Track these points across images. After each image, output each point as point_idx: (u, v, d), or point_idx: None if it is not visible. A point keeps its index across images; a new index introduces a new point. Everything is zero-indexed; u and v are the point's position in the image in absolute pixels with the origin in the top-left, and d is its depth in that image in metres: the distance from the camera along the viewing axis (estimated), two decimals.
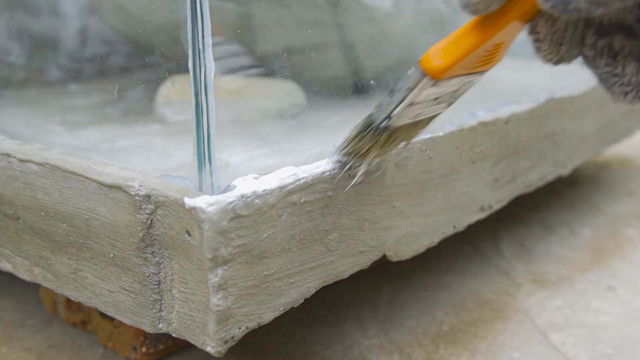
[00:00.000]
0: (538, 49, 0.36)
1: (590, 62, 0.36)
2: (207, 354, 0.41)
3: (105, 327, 0.53)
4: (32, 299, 0.61)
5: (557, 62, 0.37)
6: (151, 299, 0.42)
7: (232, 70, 0.59)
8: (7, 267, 0.51)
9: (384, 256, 0.49)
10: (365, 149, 0.42)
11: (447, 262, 0.69)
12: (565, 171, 0.70)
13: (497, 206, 0.60)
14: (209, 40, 0.39)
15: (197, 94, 0.40)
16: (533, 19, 0.36)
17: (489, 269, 0.68)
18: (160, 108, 0.65)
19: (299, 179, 0.42)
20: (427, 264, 0.68)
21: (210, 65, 0.39)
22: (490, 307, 0.61)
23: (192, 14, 0.39)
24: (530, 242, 0.74)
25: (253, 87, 0.64)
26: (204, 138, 0.40)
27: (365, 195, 0.46)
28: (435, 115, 0.43)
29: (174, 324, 0.42)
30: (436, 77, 0.37)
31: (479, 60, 0.38)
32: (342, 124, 0.59)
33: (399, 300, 0.62)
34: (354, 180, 0.44)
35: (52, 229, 0.46)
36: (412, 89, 0.38)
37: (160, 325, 0.43)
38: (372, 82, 0.59)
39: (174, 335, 0.42)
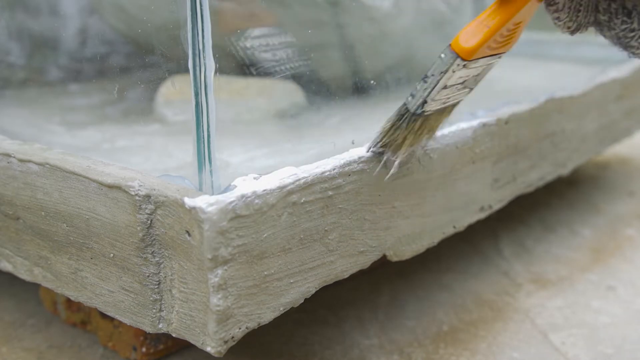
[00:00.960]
0: (557, 19, 0.40)
1: (606, 25, 0.40)
2: (207, 354, 0.41)
3: (105, 327, 0.53)
4: (32, 299, 0.61)
5: (575, 30, 0.41)
6: (151, 299, 0.42)
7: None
8: (7, 267, 0.51)
9: (384, 256, 0.49)
10: (401, 139, 0.44)
11: (447, 262, 0.69)
12: (565, 171, 0.70)
13: (497, 206, 0.60)
14: (209, 40, 0.39)
15: (197, 94, 0.40)
16: None
17: (489, 269, 0.68)
18: (160, 108, 0.65)
19: (299, 179, 0.42)
20: (427, 264, 0.68)
21: (210, 65, 0.39)
22: (490, 307, 0.61)
23: (192, 14, 0.39)
24: (530, 242, 0.74)
25: (253, 87, 0.64)
26: (204, 138, 0.40)
27: (365, 195, 0.46)
28: (458, 102, 0.46)
29: (174, 324, 0.42)
30: (467, 58, 0.41)
31: (501, 40, 0.42)
32: (342, 124, 0.59)
33: (399, 300, 0.62)
34: (392, 171, 0.46)
35: (52, 229, 0.46)
36: (446, 71, 0.41)
37: (160, 325, 0.43)
38: (372, 82, 0.59)
39: (174, 335, 0.42)
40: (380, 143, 0.45)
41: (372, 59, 0.67)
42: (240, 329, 0.40)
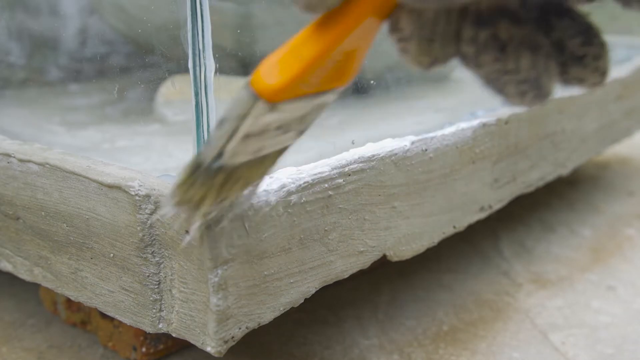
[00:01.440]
0: (404, 51, 0.29)
1: (472, 61, 0.28)
2: (207, 354, 0.41)
3: (105, 327, 0.53)
4: (32, 299, 0.61)
5: (431, 65, 0.29)
6: (151, 299, 0.42)
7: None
8: (7, 267, 0.51)
9: (384, 256, 0.49)
10: (197, 197, 0.33)
11: (447, 262, 0.69)
12: (565, 171, 0.71)
13: (497, 206, 0.60)
14: (209, 40, 0.39)
15: (197, 94, 0.40)
16: (392, 13, 0.28)
17: (489, 269, 0.68)
18: (160, 108, 0.65)
19: (299, 179, 0.42)
20: (427, 264, 0.68)
21: (210, 65, 0.39)
22: (490, 307, 0.61)
23: (192, 14, 0.39)
24: (530, 242, 0.74)
25: None
26: (204, 138, 0.40)
27: (365, 195, 0.46)
28: (285, 148, 0.35)
29: (174, 324, 0.42)
30: (273, 100, 0.29)
31: (327, 74, 0.30)
32: (342, 124, 0.59)
33: (399, 300, 0.62)
34: (188, 237, 0.36)
35: (52, 229, 0.46)
36: (245, 116, 0.30)
37: (160, 325, 0.43)
38: (372, 82, 0.59)
39: (174, 335, 0.42)
40: (174, 201, 0.33)
41: (372, 59, 0.67)
42: (240, 329, 0.40)
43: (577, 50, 0.28)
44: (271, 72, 0.29)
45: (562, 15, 0.28)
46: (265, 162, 0.35)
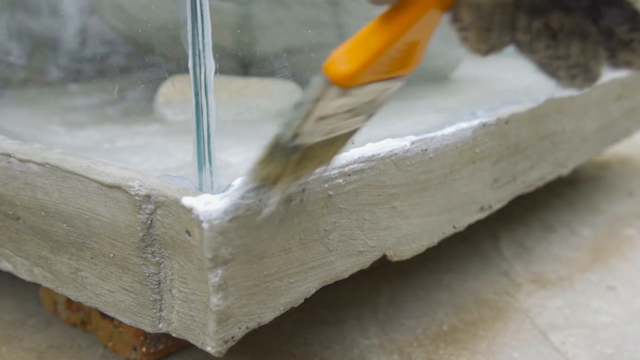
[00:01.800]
0: (464, 40, 0.32)
1: (526, 48, 0.32)
2: (207, 354, 0.41)
3: (105, 327, 0.53)
4: (32, 299, 0.61)
5: (488, 52, 0.32)
6: (151, 299, 0.42)
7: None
8: (7, 267, 0.51)
9: (384, 256, 0.49)
10: (276, 174, 0.36)
11: (447, 262, 0.69)
12: (565, 171, 0.71)
13: (497, 206, 0.60)
14: (209, 40, 0.39)
15: (197, 94, 0.40)
16: (453, 5, 0.31)
17: (489, 269, 0.68)
18: (160, 108, 0.65)
19: None
20: (427, 264, 0.68)
21: (210, 65, 0.39)
22: (490, 307, 0.61)
23: (192, 14, 0.39)
24: (530, 242, 0.74)
25: (253, 87, 0.64)
26: (204, 138, 0.40)
27: (365, 195, 0.46)
28: (355, 130, 0.38)
29: (174, 323, 0.42)
30: (344, 85, 0.32)
31: (393, 63, 0.33)
32: None
33: (399, 300, 0.62)
34: (266, 210, 0.38)
35: (52, 229, 0.46)
36: (318, 100, 0.33)
37: (160, 325, 0.43)
38: None
39: (174, 335, 0.42)
40: (254, 177, 0.37)
41: None
42: (240, 329, 0.40)
43: (625, 36, 0.31)
44: (342, 60, 0.32)
45: (611, 4, 0.31)
46: (336, 143, 0.38)
